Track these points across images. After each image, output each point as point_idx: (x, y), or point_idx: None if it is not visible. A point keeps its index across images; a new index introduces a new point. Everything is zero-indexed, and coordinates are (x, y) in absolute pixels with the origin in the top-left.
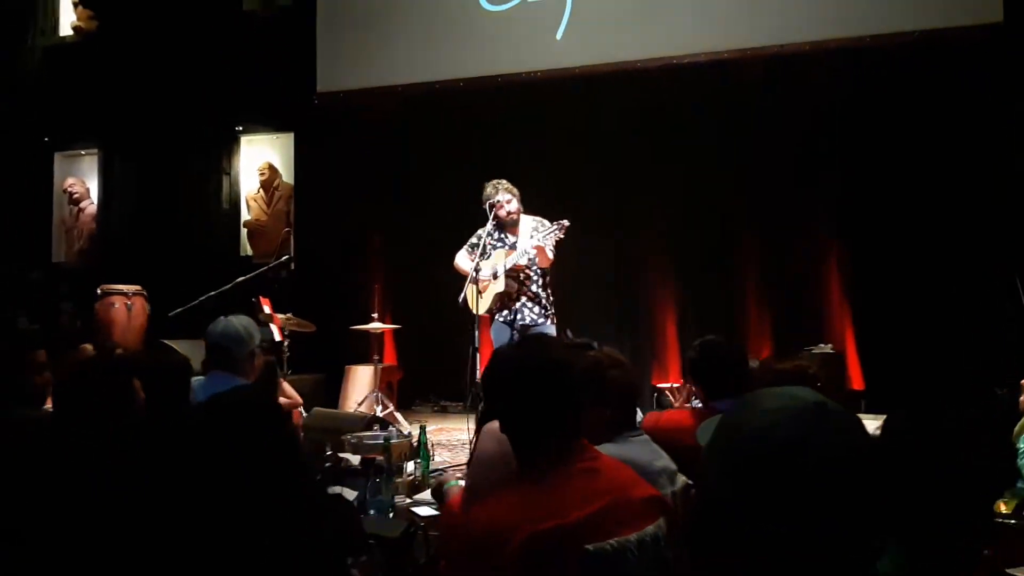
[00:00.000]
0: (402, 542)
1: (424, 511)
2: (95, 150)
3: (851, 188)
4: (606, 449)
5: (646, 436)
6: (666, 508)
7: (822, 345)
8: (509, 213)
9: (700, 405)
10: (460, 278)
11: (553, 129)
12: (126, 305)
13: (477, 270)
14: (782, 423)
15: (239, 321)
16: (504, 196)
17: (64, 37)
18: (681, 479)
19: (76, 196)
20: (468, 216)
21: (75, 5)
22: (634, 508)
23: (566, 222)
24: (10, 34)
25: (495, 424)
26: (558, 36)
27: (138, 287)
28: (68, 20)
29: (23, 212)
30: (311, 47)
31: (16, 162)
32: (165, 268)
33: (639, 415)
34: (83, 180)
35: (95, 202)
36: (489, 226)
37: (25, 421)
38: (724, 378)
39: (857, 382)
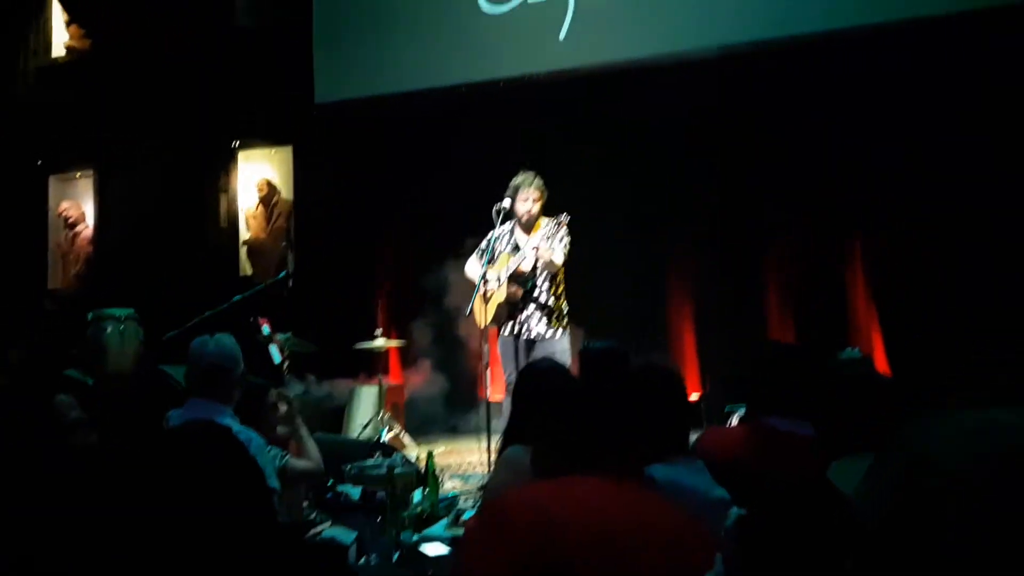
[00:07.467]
0: None
1: (433, 550)
2: (90, 172)
3: (875, 185)
4: (656, 471)
5: (701, 461)
6: (721, 547)
7: (850, 349)
8: (529, 212)
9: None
10: (469, 289)
11: (560, 132)
12: (119, 330)
13: (484, 278)
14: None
15: (227, 343)
16: (533, 192)
17: (56, 58)
18: (734, 510)
19: (71, 220)
20: (475, 226)
21: (67, 24)
22: (691, 547)
23: (564, 216)
24: (2, 57)
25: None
26: (561, 36)
27: (131, 310)
28: (60, 40)
29: (18, 238)
30: (307, 58)
31: (10, 186)
32: (164, 290)
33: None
34: (79, 203)
35: (91, 225)
36: (499, 229)
37: None
38: (783, 390)
39: None
